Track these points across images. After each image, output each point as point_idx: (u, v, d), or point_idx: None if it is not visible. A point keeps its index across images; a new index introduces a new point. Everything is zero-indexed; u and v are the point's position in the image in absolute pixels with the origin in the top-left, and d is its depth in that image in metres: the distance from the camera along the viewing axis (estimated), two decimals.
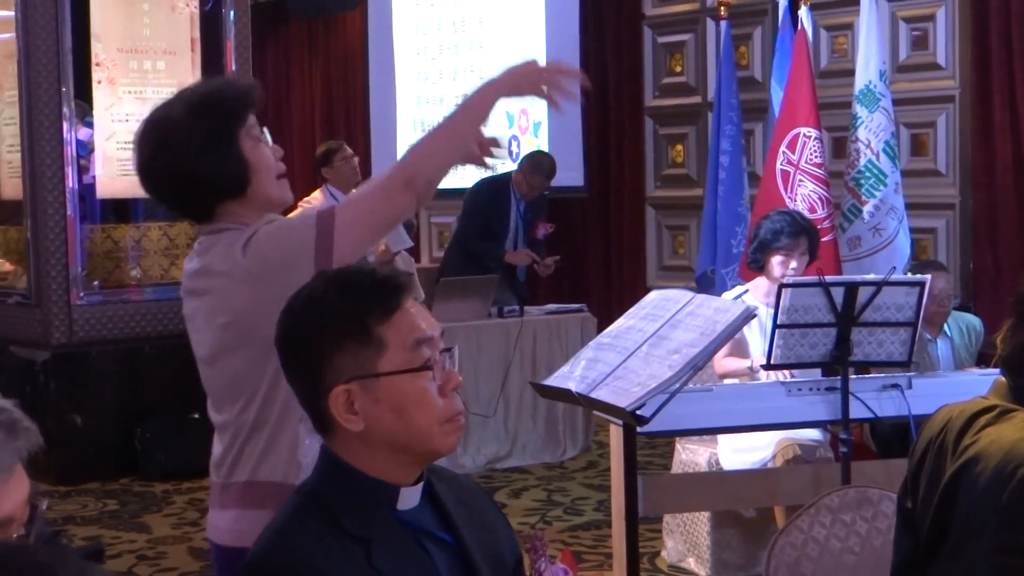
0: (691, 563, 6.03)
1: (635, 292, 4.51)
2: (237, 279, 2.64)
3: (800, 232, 5.69)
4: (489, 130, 2.84)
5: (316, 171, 8.55)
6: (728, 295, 5.79)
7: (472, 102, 2.83)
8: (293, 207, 8.51)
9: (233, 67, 8.67)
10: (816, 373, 5.04)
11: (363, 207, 2.68)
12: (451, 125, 2.81)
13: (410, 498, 2.16)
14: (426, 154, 2.75)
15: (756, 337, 5.57)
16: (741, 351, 5.64)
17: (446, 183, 2.83)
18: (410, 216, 2.68)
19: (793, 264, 5.64)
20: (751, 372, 5.54)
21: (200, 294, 2.73)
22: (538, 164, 8.81)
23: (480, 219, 8.77)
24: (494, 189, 8.76)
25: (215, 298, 2.69)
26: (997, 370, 2.40)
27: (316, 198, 8.18)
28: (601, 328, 4.22)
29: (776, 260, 5.65)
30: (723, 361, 5.66)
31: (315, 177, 8.77)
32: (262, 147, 2.77)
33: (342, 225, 2.62)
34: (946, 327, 5.94)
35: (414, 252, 10.69)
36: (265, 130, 2.82)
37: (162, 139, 2.71)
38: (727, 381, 5.63)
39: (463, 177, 8.72)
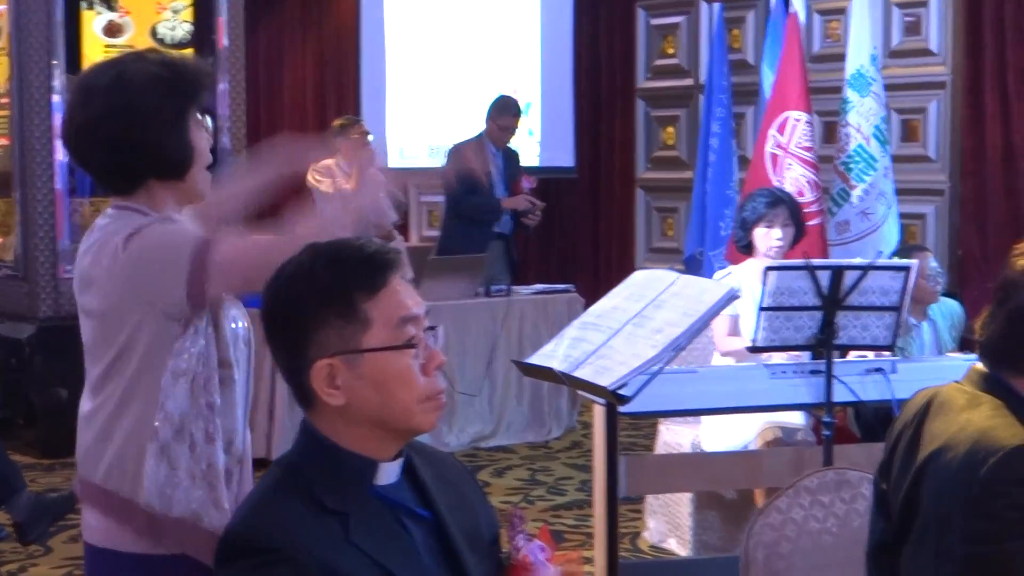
0: (672, 544, 6.05)
1: (623, 273, 4.50)
2: (111, 273, 2.58)
3: (777, 201, 5.76)
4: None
5: (330, 141, 8.64)
6: (717, 276, 5.83)
7: (326, 224, 2.67)
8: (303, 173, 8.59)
9: (225, 42, 8.65)
10: (807, 357, 5.06)
11: (242, 258, 2.56)
12: (309, 234, 2.53)
13: (389, 474, 2.16)
14: (293, 243, 2.48)
15: (748, 317, 5.59)
16: (739, 331, 5.67)
17: (431, 162, 2.81)
18: None
19: (777, 234, 5.68)
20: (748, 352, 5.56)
21: (88, 284, 2.65)
22: (504, 105, 8.79)
23: (463, 179, 8.73)
24: (468, 150, 8.73)
25: (97, 289, 2.63)
26: (977, 356, 2.41)
27: (327, 166, 8.38)
28: (588, 308, 4.22)
29: (760, 232, 5.70)
30: (727, 339, 5.68)
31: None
32: (204, 134, 2.69)
33: (218, 266, 2.53)
34: (930, 311, 5.96)
35: (403, 230, 10.70)
36: (206, 116, 2.75)
37: (125, 103, 2.59)
38: (726, 361, 5.65)
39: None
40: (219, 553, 2.08)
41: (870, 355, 5.08)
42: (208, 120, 2.76)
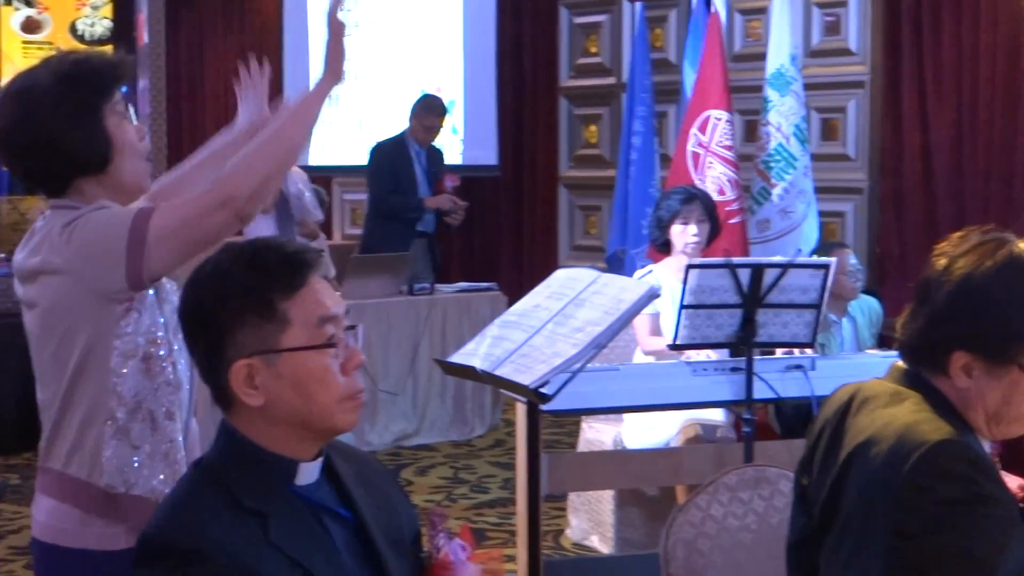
0: (595, 541, 6.07)
1: (546, 271, 4.50)
2: (52, 265, 2.61)
3: (691, 198, 5.82)
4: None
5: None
6: (637, 275, 5.85)
7: (298, 107, 2.80)
8: None
9: (146, 39, 8.60)
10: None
11: (178, 220, 2.59)
12: (277, 134, 2.74)
13: (309, 473, 2.16)
14: (246, 169, 2.66)
15: (669, 315, 5.61)
16: (660, 329, 5.69)
17: (354, 160, 2.82)
18: (232, 232, 2.62)
19: (693, 230, 5.73)
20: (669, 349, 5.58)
21: (32, 276, 2.67)
22: (428, 104, 8.78)
23: (386, 178, 8.70)
24: (391, 147, 8.73)
25: (39, 281, 2.65)
26: (898, 353, 2.43)
27: None
28: (511, 307, 4.23)
29: (676, 230, 5.75)
30: (649, 338, 5.71)
31: None
32: (127, 125, 2.71)
33: (156, 235, 2.56)
34: (850, 308, 6.01)
35: (326, 228, 10.65)
36: (131, 107, 2.76)
37: (27, 109, 2.63)
38: (648, 359, 5.67)
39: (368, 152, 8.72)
40: (137, 555, 2.06)
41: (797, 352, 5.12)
42: (132, 110, 2.77)
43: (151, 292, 2.65)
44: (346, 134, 11.48)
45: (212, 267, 2.15)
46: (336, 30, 2.92)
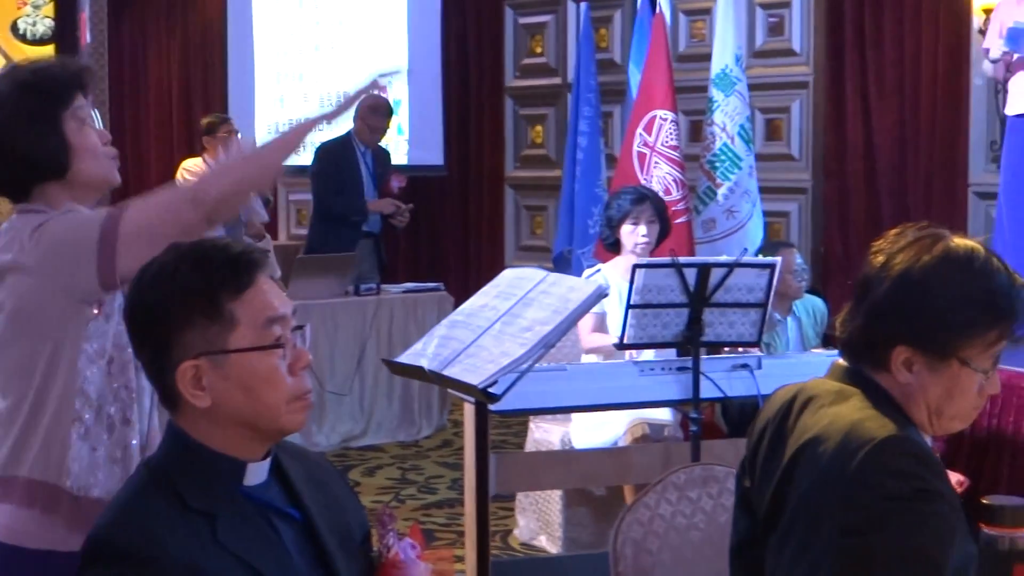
0: (543, 541, 6.07)
1: (493, 271, 4.51)
2: (22, 267, 2.60)
3: (642, 198, 5.83)
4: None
5: (198, 139, 8.67)
6: (585, 274, 5.87)
7: (284, 135, 2.82)
8: (174, 170, 8.52)
9: (88, 39, 8.54)
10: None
11: (148, 218, 2.60)
12: (258, 153, 2.79)
13: (257, 474, 2.15)
14: (220, 174, 2.72)
15: (616, 315, 5.62)
16: (606, 328, 5.70)
17: (300, 160, 2.82)
18: (200, 234, 2.59)
19: (643, 230, 5.75)
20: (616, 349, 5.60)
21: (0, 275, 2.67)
22: (374, 106, 8.74)
23: (331, 179, 8.66)
24: (336, 148, 8.68)
25: (7, 281, 2.64)
26: (839, 351, 2.45)
27: (197, 165, 8.46)
28: (458, 307, 4.23)
29: (626, 230, 5.77)
30: (590, 336, 5.72)
31: (197, 145, 8.91)
32: (87, 130, 2.72)
33: (126, 235, 2.56)
34: (795, 307, 6.05)
35: (271, 229, 10.61)
36: (95, 113, 2.78)
37: None
38: (592, 357, 5.68)
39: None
40: (84, 555, 2.05)
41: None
42: (96, 116, 2.78)
43: (120, 296, 2.64)
44: None
45: (158, 267, 2.14)
46: (367, 91, 2.99)
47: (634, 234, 5.76)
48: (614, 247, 5.89)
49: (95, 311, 2.62)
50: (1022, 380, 5.13)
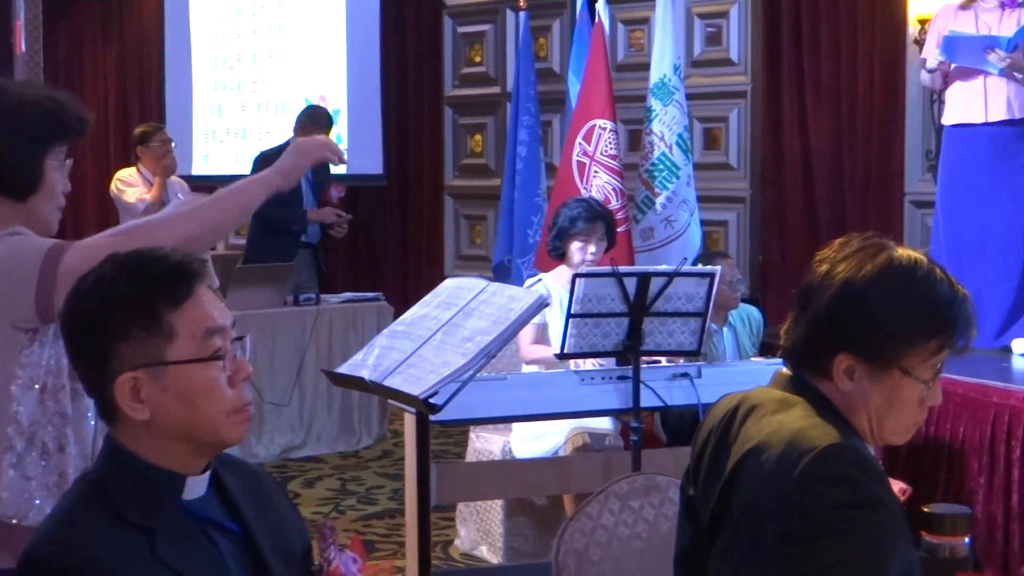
0: (484, 551, 6.06)
1: (432, 281, 4.51)
2: None
3: (597, 217, 5.83)
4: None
5: (132, 149, 8.60)
6: (527, 284, 5.87)
7: (238, 187, 2.87)
8: (109, 181, 8.46)
9: (23, 47, 8.45)
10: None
11: (89, 260, 2.47)
12: (212, 203, 2.80)
13: (196, 488, 2.13)
14: (170, 224, 2.71)
15: (557, 325, 5.62)
16: (547, 338, 5.70)
17: (238, 169, 2.81)
18: None
19: (592, 249, 5.76)
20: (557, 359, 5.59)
21: None
22: (314, 116, 8.71)
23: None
24: (275, 157, 8.59)
25: None
26: (782, 360, 2.45)
27: (131, 175, 8.39)
28: (398, 317, 4.21)
29: (575, 246, 5.77)
30: (529, 347, 5.71)
31: (130, 155, 8.87)
32: (59, 175, 2.73)
33: (66, 271, 2.52)
34: (730, 317, 6.07)
35: None
36: (68, 164, 2.78)
37: None
38: (532, 368, 5.68)
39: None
40: (18, 571, 2.02)
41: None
42: (67, 165, 2.78)
43: (55, 324, 2.60)
44: (230, 144, 11.38)
45: (95, 278, 2.11)
46: (328, 158, 3.20)
47: (583, 251, 5.77)
48: (560, 257, 5.89)
49: (29, 338, 2.58)
50: (958, 388, 5.17)
